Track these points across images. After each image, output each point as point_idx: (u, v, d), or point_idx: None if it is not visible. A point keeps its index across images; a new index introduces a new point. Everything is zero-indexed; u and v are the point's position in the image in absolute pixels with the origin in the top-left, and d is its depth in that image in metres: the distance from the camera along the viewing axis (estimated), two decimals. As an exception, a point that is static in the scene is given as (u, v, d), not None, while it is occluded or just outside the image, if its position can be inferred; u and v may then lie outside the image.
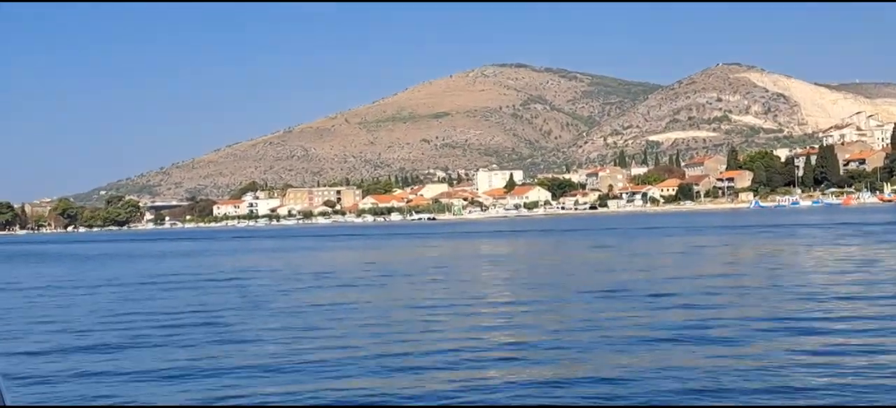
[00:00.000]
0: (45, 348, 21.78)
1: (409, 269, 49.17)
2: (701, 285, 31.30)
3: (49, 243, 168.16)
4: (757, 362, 16.69)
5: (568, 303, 28.38)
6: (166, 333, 23.72)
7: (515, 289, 34.79)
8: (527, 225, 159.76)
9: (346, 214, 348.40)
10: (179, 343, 21.78)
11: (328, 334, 22.63)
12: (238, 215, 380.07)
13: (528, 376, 16.26)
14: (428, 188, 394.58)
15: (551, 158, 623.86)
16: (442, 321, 24.43)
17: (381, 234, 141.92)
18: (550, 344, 19.69)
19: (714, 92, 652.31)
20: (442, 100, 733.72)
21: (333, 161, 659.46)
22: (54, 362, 19.62)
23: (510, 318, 25.27)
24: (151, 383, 16.87)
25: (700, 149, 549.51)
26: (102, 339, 23.14)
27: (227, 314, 27.90)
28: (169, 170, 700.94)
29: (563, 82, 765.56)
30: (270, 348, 20.32)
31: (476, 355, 18.43)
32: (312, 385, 16.05)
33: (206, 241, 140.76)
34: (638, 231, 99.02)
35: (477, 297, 31.32)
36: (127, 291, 39.62)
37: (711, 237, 75.36)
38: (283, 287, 38.71)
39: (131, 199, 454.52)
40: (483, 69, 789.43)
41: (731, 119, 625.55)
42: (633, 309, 25.16)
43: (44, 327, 26.67)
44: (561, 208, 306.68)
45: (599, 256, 56.04)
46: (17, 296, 40.74)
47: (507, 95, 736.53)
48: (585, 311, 25.44)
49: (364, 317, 26.05)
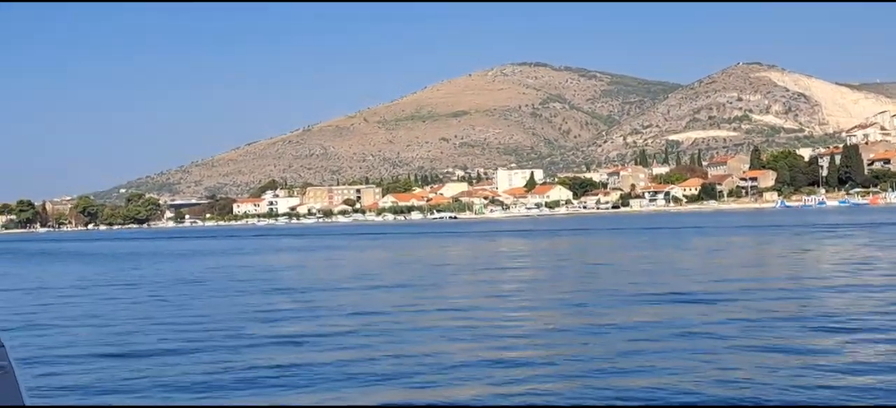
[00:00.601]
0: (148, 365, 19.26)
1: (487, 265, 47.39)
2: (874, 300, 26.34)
3: (74, 242, 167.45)
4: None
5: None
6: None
7: (619, 290, 32.56)
8: (554, 224, 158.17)
9: (365, 213, 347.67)
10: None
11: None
12: (258, 214, 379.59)
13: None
14: (448, 187, 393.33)
15: (570, 158, 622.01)
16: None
17: (409, 232, 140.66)
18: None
19: (734, 91, 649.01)
20: (461, 99, 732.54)
21: (352, 160, 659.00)
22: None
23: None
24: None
25: (720, 148, 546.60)
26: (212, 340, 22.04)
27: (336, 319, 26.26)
28: (188, 168, 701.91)
29: (582, 81, 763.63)
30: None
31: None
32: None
33: (239, 239, 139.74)
34: (677, 230, 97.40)
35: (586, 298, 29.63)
36: (195, 292, 38.18)
37: (769, 236, 73.63)
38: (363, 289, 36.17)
39: (151, 197, 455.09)
40: (502, 68, 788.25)
41: (751, 119, 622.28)
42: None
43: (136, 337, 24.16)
44: (583, 208, 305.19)
45: (667, 256, 53.05)
46: (85, 298, 38.48)
47: (527, 94, 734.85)
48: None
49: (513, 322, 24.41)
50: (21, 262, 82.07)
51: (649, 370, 16.28)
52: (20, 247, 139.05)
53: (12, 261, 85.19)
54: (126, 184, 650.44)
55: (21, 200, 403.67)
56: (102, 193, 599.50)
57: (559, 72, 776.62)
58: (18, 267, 70.34)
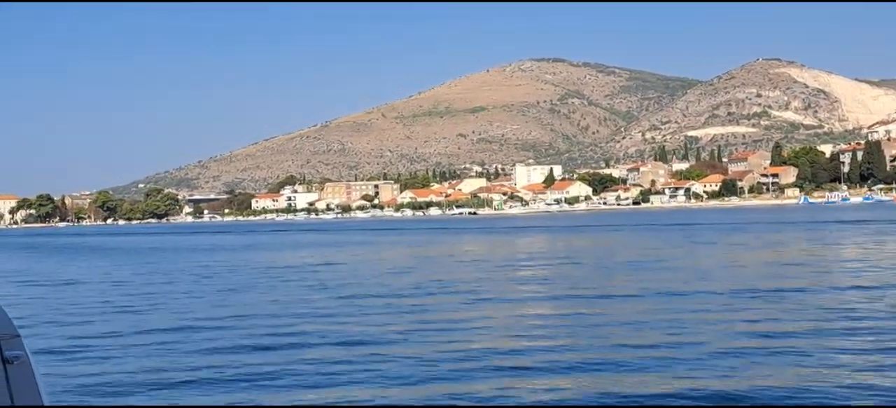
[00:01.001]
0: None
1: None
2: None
3: (97, 236, 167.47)
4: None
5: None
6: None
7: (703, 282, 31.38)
8: (578, 220, 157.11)
9: (384, 209, 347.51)
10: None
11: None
12: (276, 209, 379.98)
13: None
14: (466, 183, 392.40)
15: (589, 154, 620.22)
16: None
17: (431, 227, 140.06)
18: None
19: (753, 87, 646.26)
20: (479, 94, 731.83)
21: (370, 155, 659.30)
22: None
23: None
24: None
25: (739, 145, 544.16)
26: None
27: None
28: (207, 163, 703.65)
29: (600, 77, 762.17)
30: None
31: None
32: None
33: (265, 235, 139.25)
34: (713, 226, 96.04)
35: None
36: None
37: (821, 232, 71.22)
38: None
39: (170, 192, 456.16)
40: (520, 63, 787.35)
41: (770, 115, 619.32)
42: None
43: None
44: (603, 204, 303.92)
45: (721, 253, 50.41)
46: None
47: (545, 90, 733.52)
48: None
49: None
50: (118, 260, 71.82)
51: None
52: (71, 242, 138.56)
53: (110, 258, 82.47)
54: (145, 179, 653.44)
55: (41, 195, 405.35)
56: (121, 188, 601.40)
57: (577, 67, 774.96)
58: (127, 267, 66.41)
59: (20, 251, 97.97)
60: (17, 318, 3.73)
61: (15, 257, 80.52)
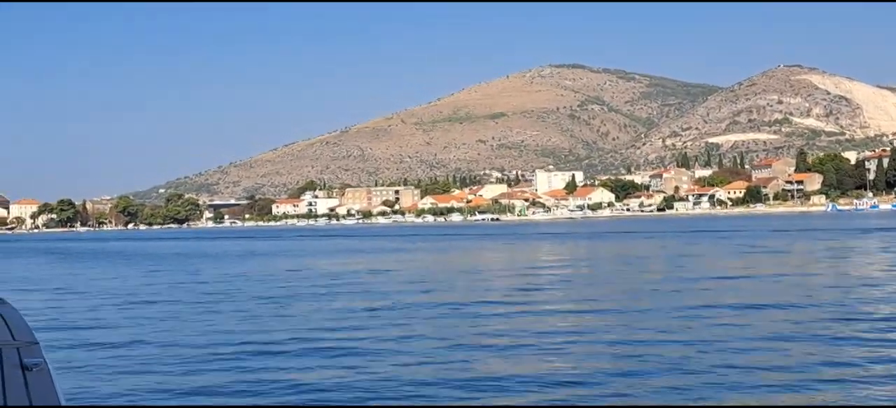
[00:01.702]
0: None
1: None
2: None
3: (123, 241, 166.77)
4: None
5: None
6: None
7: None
8: (606, 227, 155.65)
9: (405, 215, 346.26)
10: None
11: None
12: (297, 214, 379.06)
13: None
14: (487, 189, 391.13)
15: (609, 160, 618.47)
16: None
17: (459, 234, 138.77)
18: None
19: (774, 94, 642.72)
20: (498, 100, 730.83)
21: (389, 161, 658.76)
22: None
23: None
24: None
25: (760, 151, 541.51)
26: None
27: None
28: (227, 168, 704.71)
29: (620, 83, 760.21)
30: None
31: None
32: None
33: (290, 239, 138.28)
34: (756, 233, 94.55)
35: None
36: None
37: (876, 240, 68.91)
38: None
39: (191, 197, 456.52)
40: (540, 70, 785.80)
41: (791, 121, 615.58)
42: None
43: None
44: (626, 210, 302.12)
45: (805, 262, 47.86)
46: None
47: (564, 96, 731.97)
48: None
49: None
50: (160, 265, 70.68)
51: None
52: (96, 247, 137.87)
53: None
54: (165, 184, 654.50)
55: (62, 200, 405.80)
56: (141, 193, 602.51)
57: (597, 74, 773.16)
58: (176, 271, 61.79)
59: (51, 257, 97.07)
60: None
61: (56, 264, 77.66)
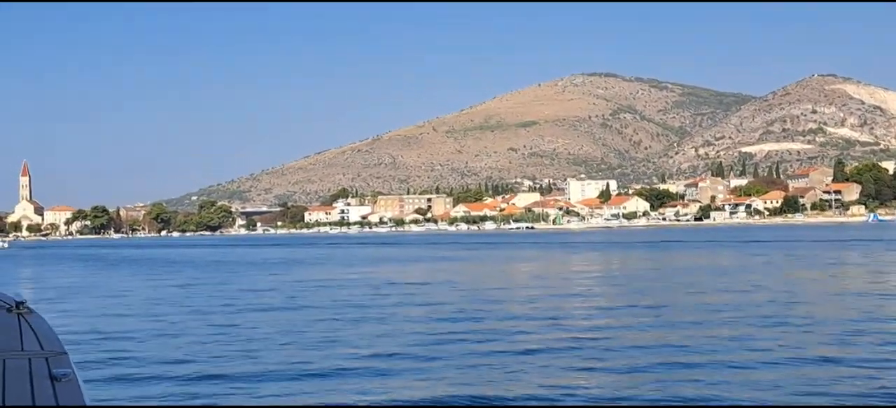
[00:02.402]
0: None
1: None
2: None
3: (160, 248, 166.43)
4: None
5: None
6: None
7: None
8: (646, 236, 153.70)
9: (437, 223, 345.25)
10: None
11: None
12: (329, 222, 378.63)
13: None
14: (520, 197, 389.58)
15: (641, 169, 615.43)
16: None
17: (497, 242, 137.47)
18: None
19: (809, 104, 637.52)
20: (530, 109, 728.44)
21: (420, 169, 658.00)
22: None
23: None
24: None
25: (794, 161, 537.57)
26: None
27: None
28: (259, 176, 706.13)
29: (653, 92, 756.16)
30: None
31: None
32: None
33: (326, 247, 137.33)
34: (811, 243, 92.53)
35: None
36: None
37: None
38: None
39: (223, 204, 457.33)
40: (572, 78, 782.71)
41: (826, 131, 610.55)
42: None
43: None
44: (662, 219, 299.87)
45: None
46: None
47: (596, 105, 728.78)
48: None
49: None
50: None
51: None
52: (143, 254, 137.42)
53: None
54: (197, 191, 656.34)
55: (96, 207, 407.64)
56: (174, 200, 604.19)
57: (629, 82, 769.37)
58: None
59: (98, 264, 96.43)
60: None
61: (115, 271, 74.70)
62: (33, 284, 57.30)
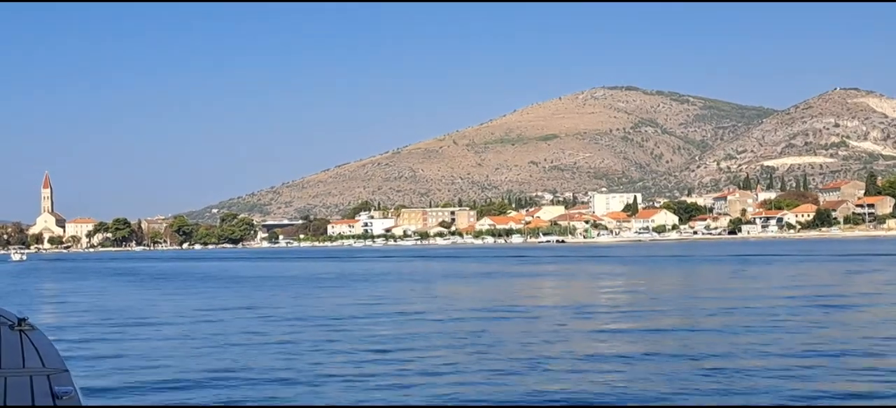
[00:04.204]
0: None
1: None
2: None
3: (187, 261, 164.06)
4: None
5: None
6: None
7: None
8: (688, 250, 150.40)
9: (463, 236, 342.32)
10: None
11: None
12: (353, 235, 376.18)
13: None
14: (545, 210, 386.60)
15: (662, 182, 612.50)
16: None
17: (536, 256, 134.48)
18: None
19: (831, 117, 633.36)
20: (550, 122, 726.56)
21: (441, 182, 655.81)
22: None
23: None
24: None
25: (816, 175, 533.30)
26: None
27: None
28: (279, 189, 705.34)
29: (674, 105, 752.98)
30: None
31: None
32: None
33: (360, 261, 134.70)
34: (883, 259, 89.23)
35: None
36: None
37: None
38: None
39: (245, 217, 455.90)
40: (593, 91, 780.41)
41: (848, 145, 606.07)
42: None
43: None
44: (693, 233, 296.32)
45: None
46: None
47: (617, 118, 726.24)
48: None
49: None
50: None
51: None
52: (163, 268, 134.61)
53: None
54: (218, 204, 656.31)
55: (117, 219, 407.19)
56: (195, 212, 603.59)
57: (651, 95, 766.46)
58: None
59: (135, 278, 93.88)
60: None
61: (189, 291, 65.03)
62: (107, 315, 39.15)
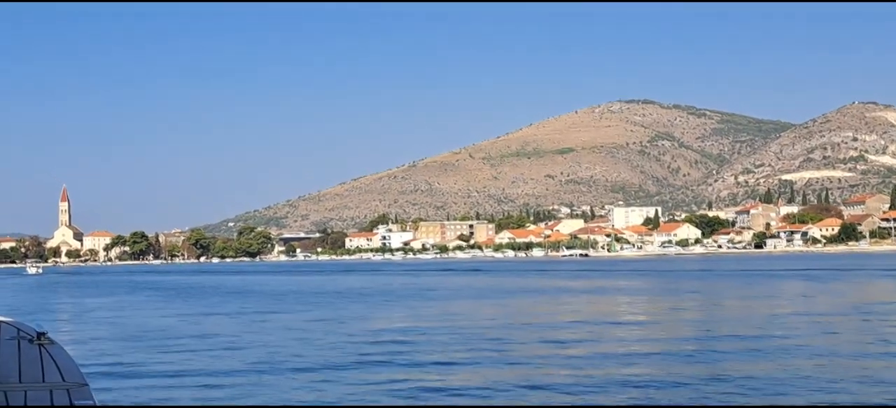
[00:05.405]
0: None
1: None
2: None
3: (208, 275, 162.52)
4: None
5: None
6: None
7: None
8: (716, 264, 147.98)
9: (483, 249, 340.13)
10: None
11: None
12: (371, 248, 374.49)
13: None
14: (564, 224, 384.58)
15: (679, 196, 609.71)
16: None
17: (575, 270, 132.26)
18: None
19: (849, 131, 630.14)
20: (567, 135, 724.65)
21: (457, 196, 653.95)
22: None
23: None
24: None
25: (834, 189, 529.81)
26: None
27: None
28: (295, 202, 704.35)
29: (691, 119, 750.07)
30: None
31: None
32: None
33: (389, 274, 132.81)
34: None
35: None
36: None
37: None
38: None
39: (263, 230, 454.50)
40: (609, 105, 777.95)
41: (867, 159, 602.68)
42: None
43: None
44: (718, 247, 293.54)
45: None
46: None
47: (634, 132, 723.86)
48: None
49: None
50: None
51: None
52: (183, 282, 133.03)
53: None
54: (234, 217, 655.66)
55: (135, 232, 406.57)
56: (212, 226, 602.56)
57: (667, 109, 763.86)
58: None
59: (170, 292, 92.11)
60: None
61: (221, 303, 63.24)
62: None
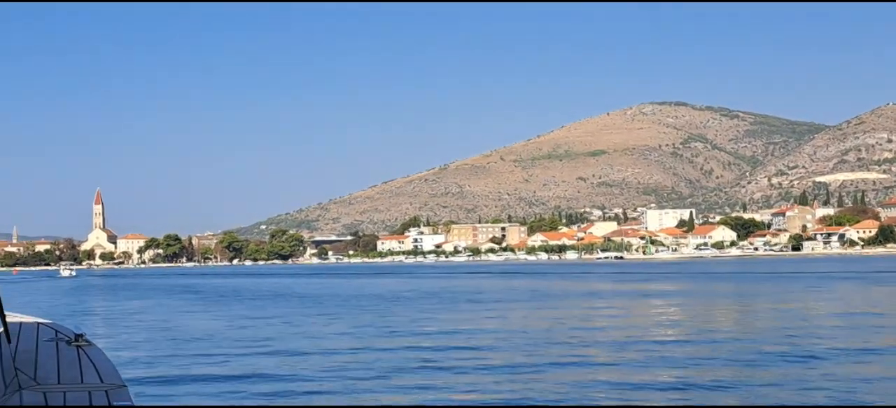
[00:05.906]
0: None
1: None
2: None
3: (246, 277, 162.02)
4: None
5: None
6: None
7: None
8: (760, 267, 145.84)
9: (516, 252, 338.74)
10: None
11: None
12: (403, 251, 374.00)
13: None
14: (597, 226, 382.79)
15: (712, 198, 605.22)
16: None
17: (619, 273, 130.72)
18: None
19: (884, 132, 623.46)
20: (599, 137, 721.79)
21: (488, 199, 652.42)
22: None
23: None
24: None
25: (869, 191, 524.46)
26: None
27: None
28: (327, 205, 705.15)
29: (724, 121, 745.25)
30: None
31: None
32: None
33: (439, 278, 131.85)
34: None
35: None
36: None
37: None
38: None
39: (295, 233, 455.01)
40: (641, 107, 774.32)
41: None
42: None
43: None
44: (754, 250, 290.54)
45: None
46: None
47: (667, 134, 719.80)
48: None
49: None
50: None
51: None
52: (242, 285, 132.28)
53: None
54: (267, 220, 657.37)
55: (168, 235, 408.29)
56: (244, 228, 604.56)
57: (700, 111, 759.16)
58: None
59: (223, 299, 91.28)
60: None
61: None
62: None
